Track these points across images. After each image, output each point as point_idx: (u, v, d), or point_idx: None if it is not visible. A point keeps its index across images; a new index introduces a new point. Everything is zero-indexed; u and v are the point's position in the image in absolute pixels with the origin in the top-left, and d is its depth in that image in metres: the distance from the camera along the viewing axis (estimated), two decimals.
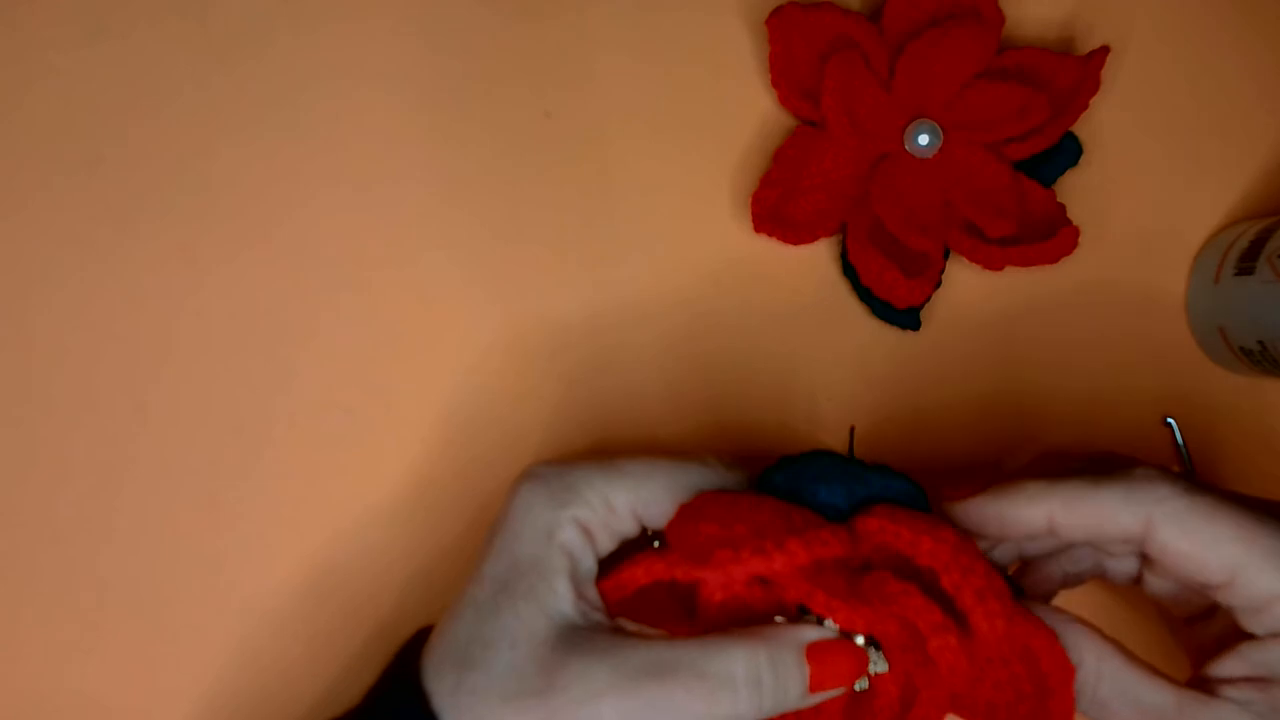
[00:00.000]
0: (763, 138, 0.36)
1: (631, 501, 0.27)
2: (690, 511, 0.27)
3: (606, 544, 0.28)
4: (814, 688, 0.26)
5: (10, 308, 0.34)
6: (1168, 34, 0.38)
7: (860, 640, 0.27)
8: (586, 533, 0.27)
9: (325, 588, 0.34)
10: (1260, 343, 0.34)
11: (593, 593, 0.27)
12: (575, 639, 0.26)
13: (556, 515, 0.27)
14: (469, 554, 0.34)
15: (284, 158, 0.35)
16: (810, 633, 0.26)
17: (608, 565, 0.28)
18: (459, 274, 0.35)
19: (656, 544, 0.28)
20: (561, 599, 0.26)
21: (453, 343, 0.35)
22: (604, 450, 0.35)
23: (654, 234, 0.36)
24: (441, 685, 0.26)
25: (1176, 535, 0.26)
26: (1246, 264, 0.35)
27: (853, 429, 0.32)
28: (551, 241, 0.36)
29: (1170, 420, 0.37)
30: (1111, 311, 0.37)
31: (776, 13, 0.35)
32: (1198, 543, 0.26)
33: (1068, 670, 0.26)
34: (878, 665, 0.27)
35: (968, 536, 0.27)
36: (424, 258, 0.35)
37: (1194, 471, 0.37)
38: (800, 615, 0.27)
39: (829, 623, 0.27)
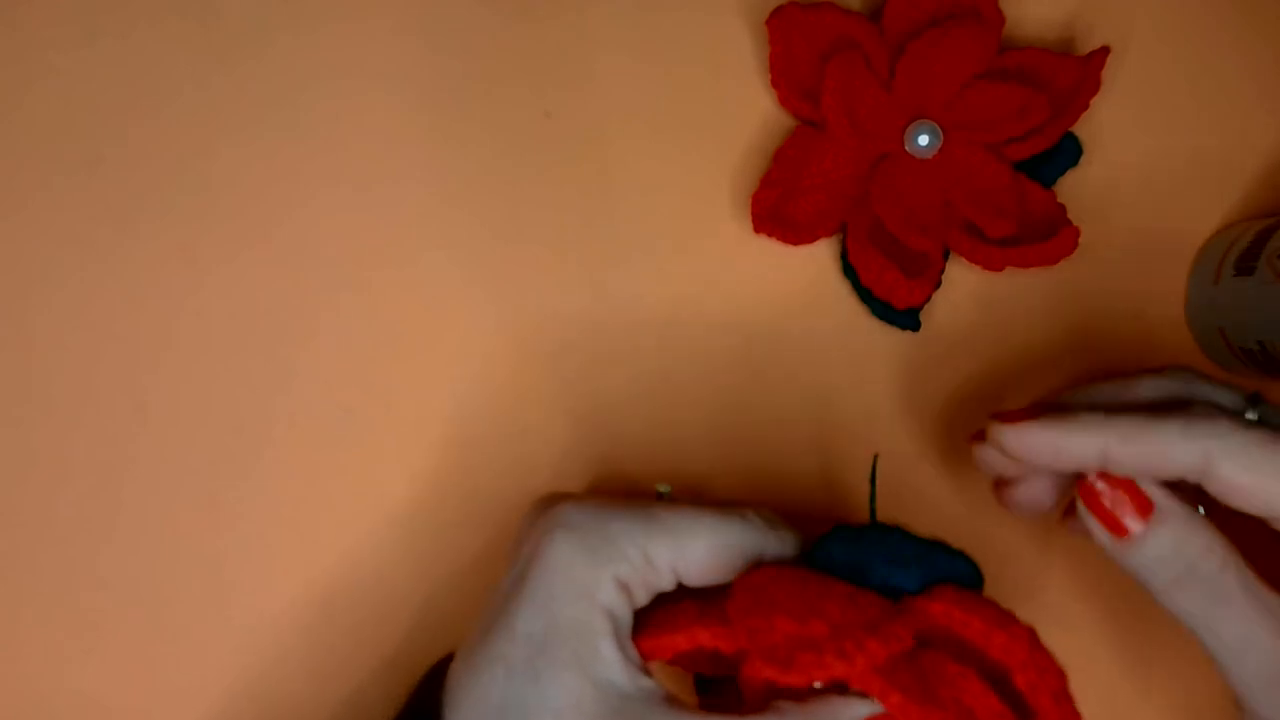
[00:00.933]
0: (763, 138, 0.36)
1: (672, 559, 0.26)
2: (756, 595, 0.26)
3: (643, 599, 0.26)
4: None
5: (10, 308, 0.34)
6: (1168, 34, 0.38)
7: None
8: (626, 590, 0.26)
9: (325, 588, 0.34)
10: (1260, 343, 0.34)
11: (633, 651, 0.26)
12: (623, 711, 0.24)
13: (597, 575, 0.25)
14: (470, 554, 0.34)
15: (284, 158, 0.35)
16: (861, 708, 0.25)
17: (643, 624, 0.27)
18: (459, 274, 0.35)
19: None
20: (608, 665, 0.25)
21: (453, 342, 0.35)
22: (606, 459, 0.35)
23: (654, 234, 0.36)
24: None
25: (1238, 469, 0.25)
26: (1246, 264, 0.35)
27: (876, 458, 0.31)
28: (552, 241, 0.36)
29: None
30: (1111, 312, 0.37)
31: (777, 13, 0.35)
32: (1261, 474, 0.25)
33: None
34: None
35: (1035, 633, 0.26)
36: (424, 258, 0.35)
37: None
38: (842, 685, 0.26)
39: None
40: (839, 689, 0.26)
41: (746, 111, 0.36)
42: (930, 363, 0.37)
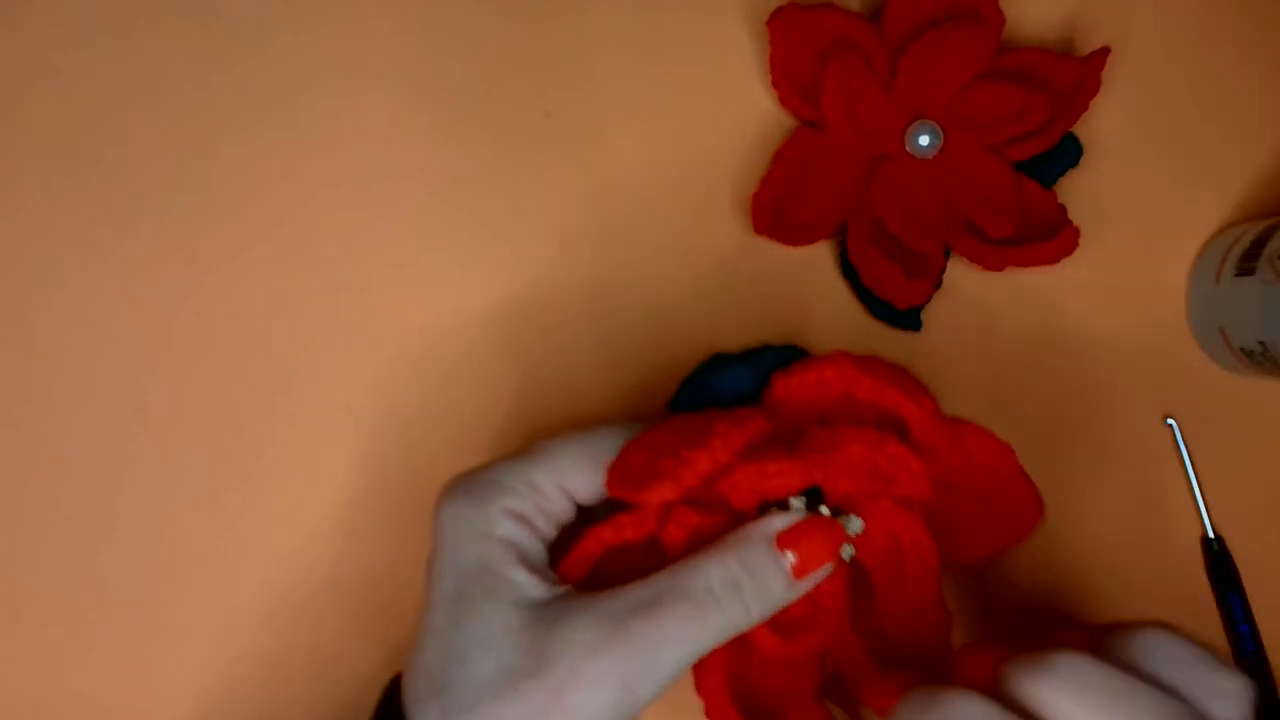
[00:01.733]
0: (763, 138, 0.36)
1: (554, 478, 0.27)
2: (618, 458, 0.27)
3: (546, 529, 0.27)
4: (798, 573, 0.26)
5: (10, 308, 0.34)
6: (1168, 35, 0.38)
7: (826, 511, 0.26)
8: (522, 520, 0.27)
9: (326, 588, 0.34)
10: (1261, 343, 0.34)
11: (553, 576, 0.27)
12: (550, 613, 0.25)
13: (486, 512, 0.26)
14: None
15: (284, 158, 0.35)
16: (775, 522, 0.26)
17: (557, 554, 0.27)
18: (459, 274, 0.35)
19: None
20: (523, 585, 0.26)
21: (452, 342, 0.35)
22: None
23: (654, 235, 0.36)
24: (428, 717, 0.25)
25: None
26: (1247, 265, 0.35)
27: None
28: (551, 242, 0.36)
29: (1171, 421, 0.37)
30: (1112, 312, 0.37)
31: (777, 13, 0.35)
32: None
33: (1007, 451, 0.28)
34: (852, 525, 0.27)
35: (852, 354, 0.27)
36: (424, 258, 0.35)
37: (1195, 473, 0.37)
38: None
39: (793, 501, 0.26)
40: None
41: (747, 112, 0.36)
42: (931, 363, 0.37)
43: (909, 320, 0.36)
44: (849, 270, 0.36)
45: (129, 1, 0.35)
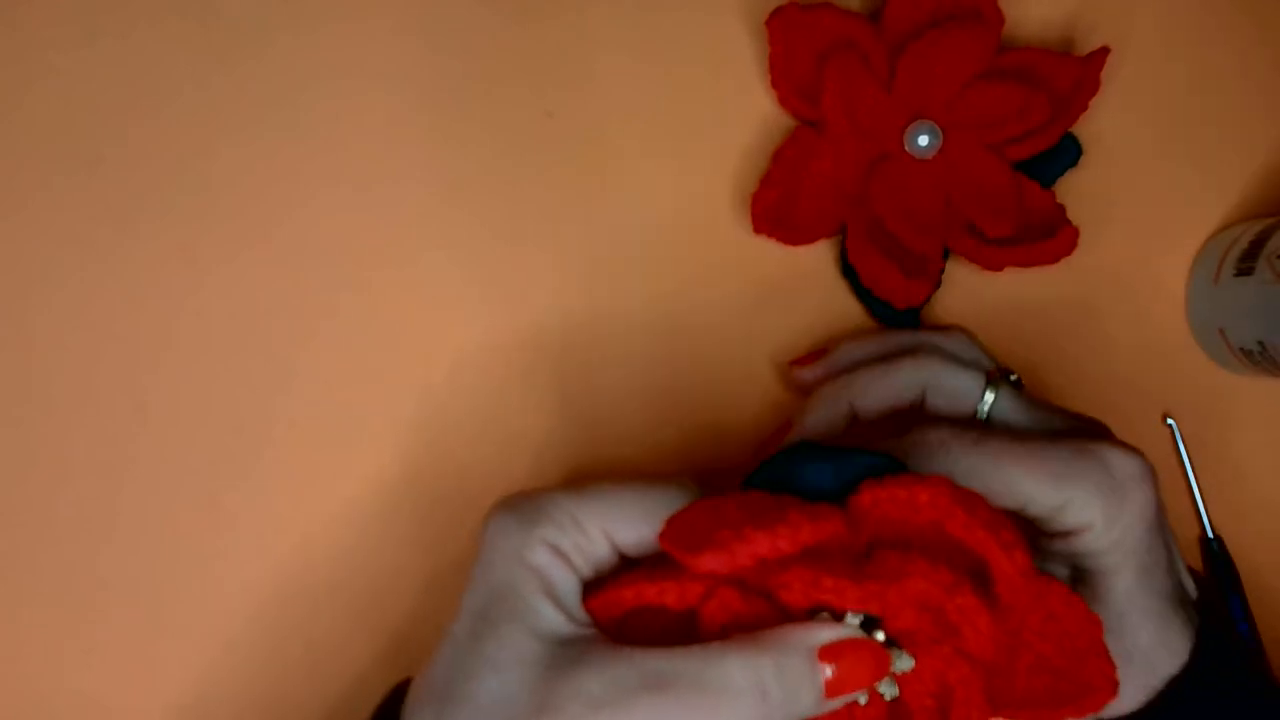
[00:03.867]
0: (762, 138, 0.36)
1: (601, 522, 0.26)
2: (679, 513, 0.26)
3: (583, 567, 0.26)
4: (831, 692, 0.25)
5: (10, 308, 0.34)
6: (1168, 35, 0.38)
7: (881, 637, 0.25)
8: (559, 554, 0.26)
9: (326, 589, 0.34)
10: (1260, 343, 0.34)
11: (580, 612, 0.26)
12: (568, 655, 0.25)
13: (525, 537, 0.26)
14: (471, 552, 0.34)
15: (284, 158, 0.35)
16: (823, 633, 0.25)
17: (592, 591, 0.27)
18: (459, 274, 0.35)
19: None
20: (546, 617, 0.25)
21: (452, 343, 0.35)
22: (604, 460, 0.35)
23: (653, 234, 0.36)
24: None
25: (973, 486, 0.27)
26: (1246, 264, 0.35)
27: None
28: (551, 241, 0.36)
29: (1170, 420, 0.37)
30: (1111, 312, 0.37)
31: (777, 13, 0.35)
32: (992, 487, 0.27)
33: (1094, 623, 0.25)
34: (901, 663, 0.25)
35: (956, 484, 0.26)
36: (424, 258, 0.35)
37: (1194, 472, 0.37)
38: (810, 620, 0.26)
39: (850, 617, 0.25)
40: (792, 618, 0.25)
41: (746, 112, 0.36)
42: None
43: (908, 320, 0.36)
44: (848, 270, 0.36)
45: (129, 1, 0.34)
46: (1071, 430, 0.30)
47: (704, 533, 0.24)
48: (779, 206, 0.35)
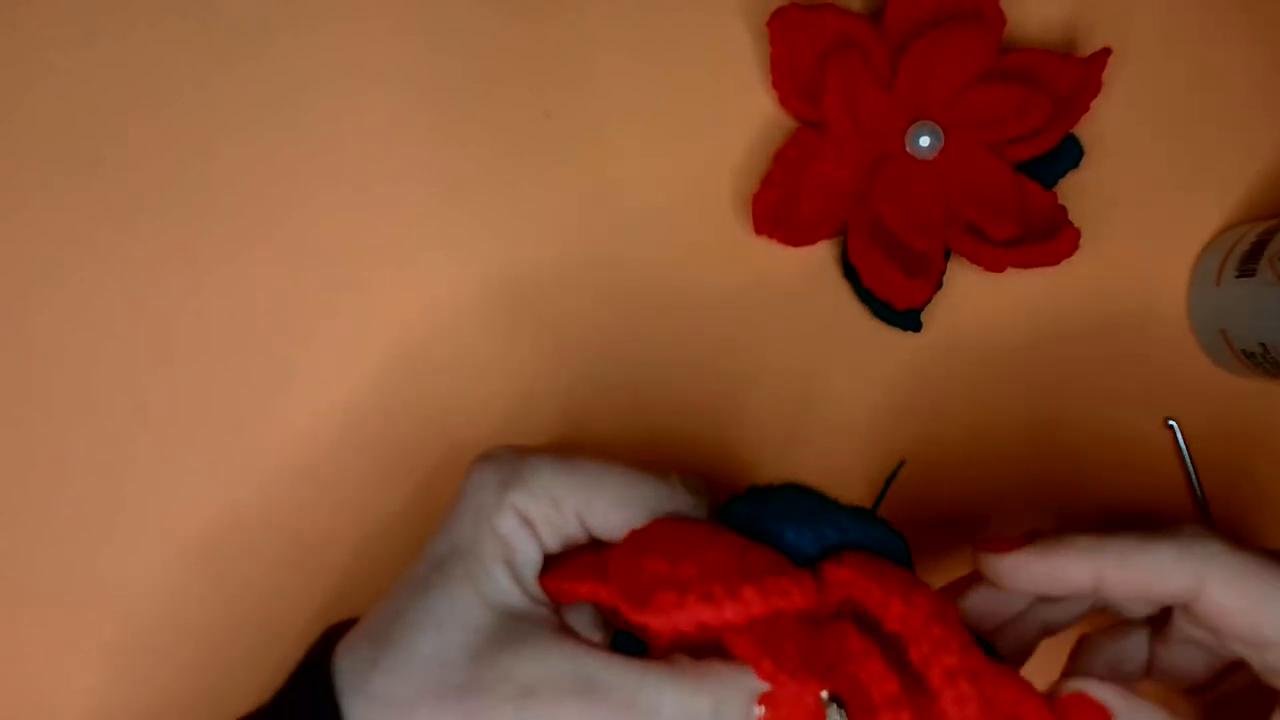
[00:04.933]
0: (763, 139, 0.36)
1: (577, 502, 0.26)
2: (637, 541, 0.24)
3: (551, 541, 0.26)
4: None
5: (10, 308, 0.34)
6: (1169, 36, 0.38)
7: (825, 695, 0.24)
8: (527, 523, 0.25)
9: (324, 591, 0.34)
10: (1262, 345, 0.34)
11: (535, 587, 0.25)
12: (512, 630, 0.24)
13: (498, 499, 0.25)
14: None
15: (284, 158, 0.35)
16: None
17: (554, 560, 0.26)
18: (459, 275, 0.35)
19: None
20: (500, 586, 0.25)
21: (452, 343, 0.35)
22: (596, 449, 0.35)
23: (654, 235, 0.36)
24: (355, 662, 0.24)
25: (1232, 593, 0.25)
26: (1248, 266, 0.35)
27: (901, 464, 0.29)
28: (551, 242, 0.35)
29: (1172, 423, 0.37)
30: (1113, 313, 0.37)
31: (777, 14, 0.35)
32: (1253, 599, 0.25)
33: None
34: None
35: (947, 602, 0.24)
36: (424, 258, 0.35)
37: (1196, 475, 0.37)
38: None
39: None
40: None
41: (747, 112, 0.36)
42: (931, 364, 0.37)
43: (909, 321, 0.36)
44: (850, 271, 0.36)
45: (129, 1, 0.34)
46: None
47: (651, 579, 0.23)
48: (780, 207, 0.35)
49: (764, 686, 0.24)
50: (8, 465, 0.33)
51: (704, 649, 0.24)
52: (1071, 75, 0.35)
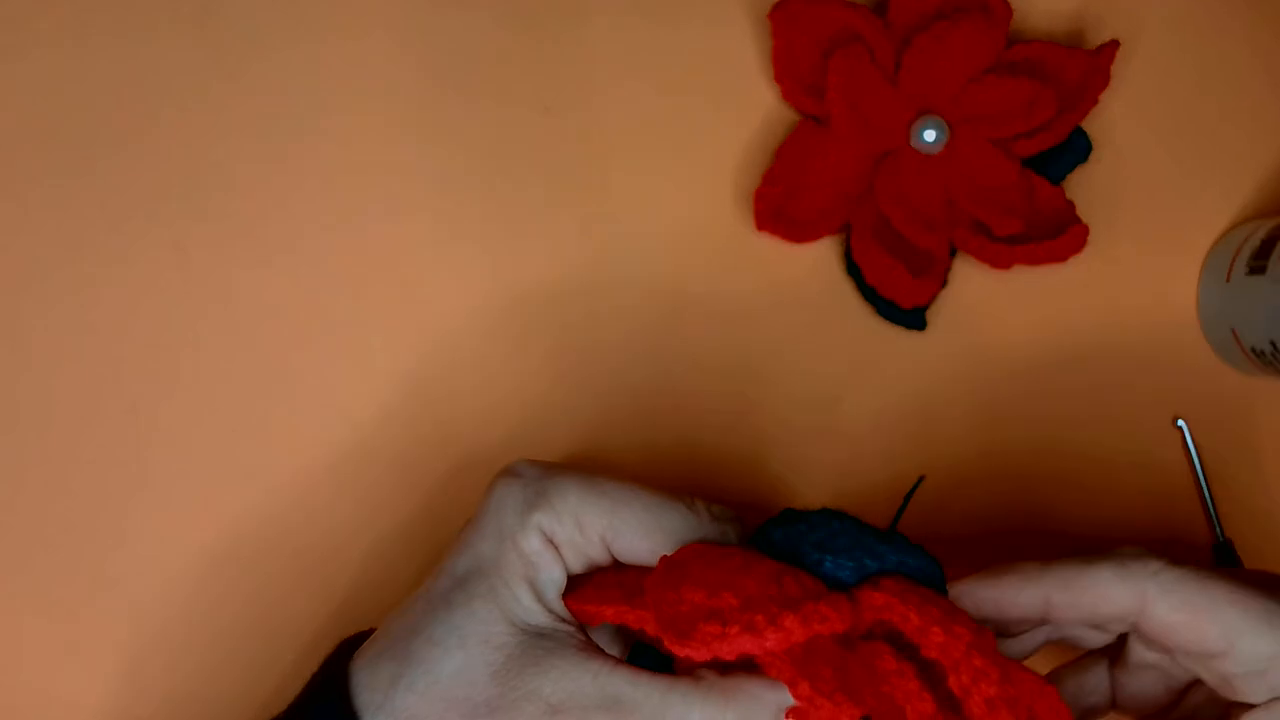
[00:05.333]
0: (766, 134, 0.36)
1: (602, 527, 0.26)
2: (673, 569, 0.25)
3: (574, 563, 0.26)
4: None
5: (9, 308, 0.34)
6: (1178, 28, 0.37)
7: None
8: (551, 544, 0.26)
9: (325, 590, 0.34)
10: (1272, 343, 0.34)
11: (559, 605, 0.26)
12: (536, 648, 0.24)
13: (522, 519, 0.25)
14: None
15: (282, 159, 0.35)
16: (788, 696, 0.24)
17: (577, 579, 0.26)
18: (459, 276, 0.35)
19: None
20: (523, 605, 0.25)
21: (452, 345, 0.35)
22: (606, 455, 0.35)
23: (656, 231, 0.36)
24: (375, 679, 0.24)
25: (1174, 606, 0.26)
26: (1258, 263, 0.34)
27: (921, 479, 0.29)
28: (552, 240, 0.35)
29: (1181, 422, 0.37)
30: (1121, 311, 0.37)
31: (779, 6, 0.34)
32: (1195, 611, 0.26)
33: None
34: None
35: (984, 631, 0.25)
36: (424, 259, 0.35)
37: (1204, 474, 0.36)
38: None
39: None
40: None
41: (748, 107, 0.36)
42: (936, 362, 0.36)
43: (914, 319, 0.36)
44: (853, 268, 0.35)
45: (129, 2, 0.34)
46: None
47: (692, 611, 0.23)
48: (782, 203, 0.35)
49: (790, 701, 0.24)
50: (7, 465, 0.33)
51: (730, 663, 0.24)
52: (1079, 68, 0.35)
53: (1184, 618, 0.26)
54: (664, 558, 0.25)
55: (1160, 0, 0.37)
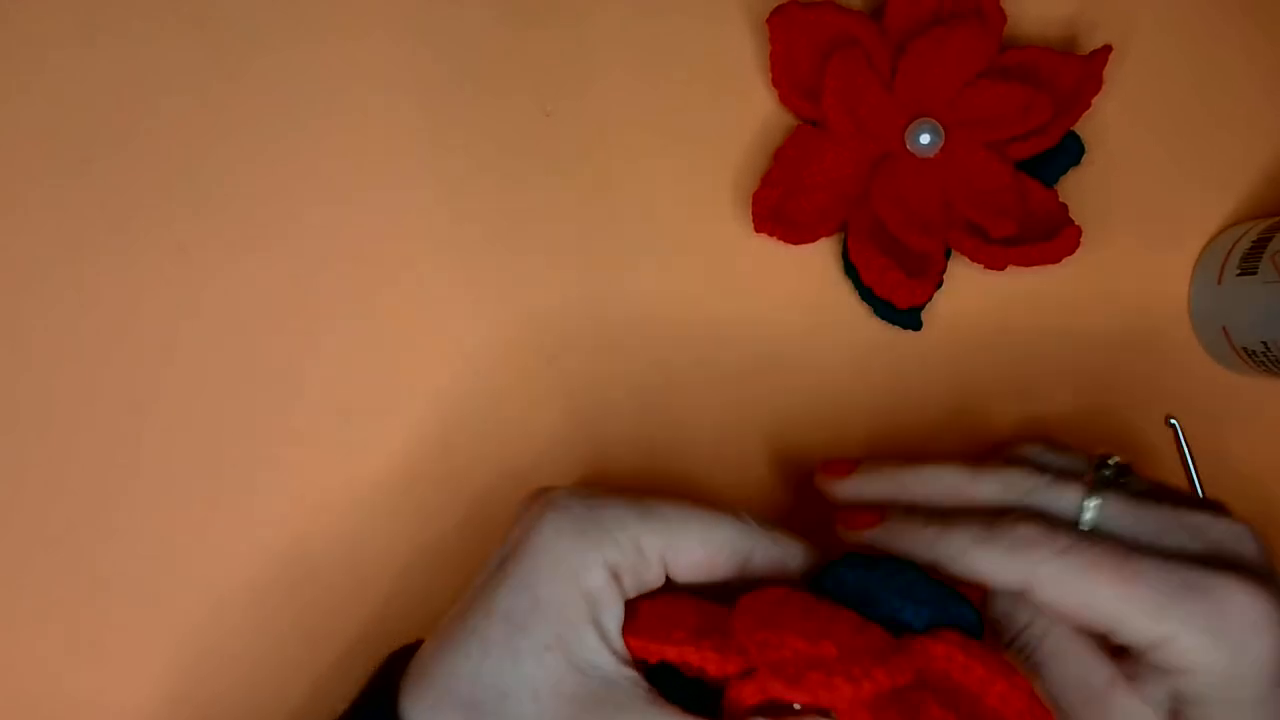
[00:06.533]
0: (763, 137, 0.36)
1: (662, 549, 0.26)
2: (764, 614, 0.25)
3: (631, 589, 0.26)
4: None
5: (9, 308, 0.34)
6: (1171, 33, 0.38)
7: None
8: (615, 578, 0.25)
9: (324, 594, 0.34)
10: (1263, 343, 0.34)
11: (620, 644, 0.25)
12: (604, 699, 0.24)
13: (585, 557, 0.25)
14: (463, 558, 0.34)
15: (284, 158, 0.35)
16: None
17: (631, 616, 0.26)
18: (459, 277, 0.35)
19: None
20: (591, 650, 0.25)
21: (452, 345, 0.35)
22: (606, 459, 0.35)
23: (654, 234, 0.36)
24: None
25: (1056, 595, 0.26)
26: (1249, 264, 0.35)
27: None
28: (551, 243, 0.35)
29: (1173, 421, 0.37)
30: (1114, 311, 0.37)
31: (777, 11, 0.35)
32: (1076, 601, 0.26)
33: None
34: None
35: (1031, 681, 0.26)
36: (424, 260, 0.35)
37: (1197, 473, 0.37)
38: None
39: None
40: (817, 713, 0.25)
41: (747, 110, 0.36)
42: (932, 362, 0.36)
43: (910, 320, 0.36)
44: (850, 269, 0.36)
45: (129, 1, 0.34)
46: (1198, 543, 0.27)
47: (797, 658, 0.24)
48: (780, 205, 0.35)
49: None
50: (7, 465, 0.33)
51: (777, 707, 0.25)
52: (1072, 73, 0.35)
53: (1066, 605, 0.26)
54: (742, 600, 0.26)
55: (1152, 5, 0.38)
